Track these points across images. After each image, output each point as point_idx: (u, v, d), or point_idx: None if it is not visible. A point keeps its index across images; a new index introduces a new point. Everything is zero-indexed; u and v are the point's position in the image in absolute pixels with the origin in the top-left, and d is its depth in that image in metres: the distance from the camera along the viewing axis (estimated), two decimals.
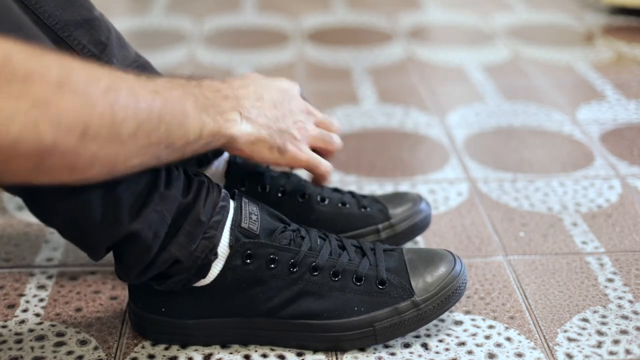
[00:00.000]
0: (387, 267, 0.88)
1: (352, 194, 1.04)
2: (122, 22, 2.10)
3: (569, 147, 1.40)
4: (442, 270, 0.88)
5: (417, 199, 1.04)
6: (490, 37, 2.00)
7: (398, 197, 1.05)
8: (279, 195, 0.99)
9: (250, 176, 0.99)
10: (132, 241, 0.78)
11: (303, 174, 1.00)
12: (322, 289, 0.85)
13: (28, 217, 1.16)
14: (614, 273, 1.02)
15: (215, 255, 0.82)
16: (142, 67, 0.92)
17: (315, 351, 0.87)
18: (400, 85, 1.70)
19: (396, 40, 1.99)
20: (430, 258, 0.89)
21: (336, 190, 1.03)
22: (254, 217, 0.85)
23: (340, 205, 1.01)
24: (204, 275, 0.83)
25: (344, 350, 0.87)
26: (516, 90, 1.66)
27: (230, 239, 0.83)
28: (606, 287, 0.99)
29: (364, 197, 1.04)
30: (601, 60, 1.82)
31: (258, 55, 1.88)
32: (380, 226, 1.01)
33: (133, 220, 0.77)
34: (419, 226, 1.03)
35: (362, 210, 1.01)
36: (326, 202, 1.00)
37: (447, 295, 0.87)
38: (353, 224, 1.00)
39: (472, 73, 1.76)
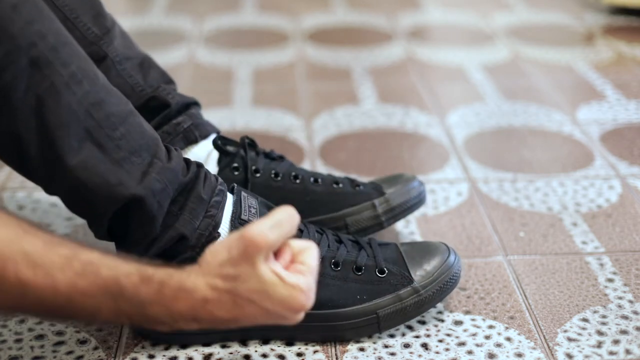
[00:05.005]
0: (385, 258, 0.90)
1: (346, 177, 1.06)
2: (122, 22, 2.08)
3: (569, 147, 1.40)
4: (437, 259, 0.90)
5: (411, 178, 1.07)
6: (490, 37, 2.00)
7: (391, 178, 1.07)
8: (272, 177, 1.01)
9: (242, 161, 1.01)
10: (136, 208, 0.80)
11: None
12: (324, 279, 0.87)
13: (28, 217, 1.16)
14: (614, 273, 1.02)
15: (218, 234, 0.84)
16: (147, 62, 0.95)
17: (315, 346, 0.88)
18: (400, 85, 1.70)
19: (396, 40, 1.99)
20: (425, 248, 0.92)
21: (330, 175, 1.06)
22: (253, 210, 0.87)
23: (333, 185, 1.03)
24: None
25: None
26: (516, 90, 1.65)
27: (231, 231, 0.84)
28: (606, 287, 0.99)
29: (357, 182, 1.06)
30: (601, 60, 1.82)
31: (258, 56, 1.88)
32: (376, 201, 1.02)
33: (137, 185, 0.79)
34: (414, 201, 1.05)
35: (356, 188, 1.03)
36: (319, 182, 1.02)
37: (445, 282, 0.89)
38: (348, 201, 1.02)
39: (472, 73, 1.76)
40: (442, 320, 0.93)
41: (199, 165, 0.87)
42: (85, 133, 0.77)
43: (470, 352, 0.87)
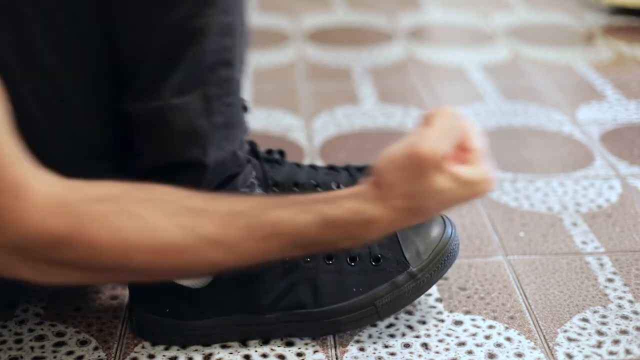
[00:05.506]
0: (379, 243, 0.88)
1: (347, 169, 1.03)
2: None
3: (569, 147, 1.40)
4: (433, 234, 0.89)
5: None
6: (490, 37, 2.00)
7: None
8: (271, 185, 0.99)
9: None
10: (191, 173, 0.79)
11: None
12: (318, 274, 0.86)
13: None
14: (614, 273, 1.02)
15: None
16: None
17: (315, 346, 0.88)
18: (400, 85, 1.70)
19: (396, 40, 1.99)
20: (420, 224, 0.90)
21: (331, 168, 1.04)
22: None
23: (335, 188, 1.00)
24: None
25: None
26: (516, 90, 1.65)
27: None
28: (606, 287, 0.99)
29: (359, 169, 1.03)
30: (601, 60, 1.82)
31: (258, 56, 1.88)
32: None
33: (210, 156, 0.79)
34: None
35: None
36: (319, 189, 1.00)
37: (442, 261, 0.88)
38: None
39: (472, 73, 1.76)
40: (442, 320, 0.93)
41: (249, 161, 0.87)
42: (201, 83, 0.76)
43: (470, 352, 0.87)
